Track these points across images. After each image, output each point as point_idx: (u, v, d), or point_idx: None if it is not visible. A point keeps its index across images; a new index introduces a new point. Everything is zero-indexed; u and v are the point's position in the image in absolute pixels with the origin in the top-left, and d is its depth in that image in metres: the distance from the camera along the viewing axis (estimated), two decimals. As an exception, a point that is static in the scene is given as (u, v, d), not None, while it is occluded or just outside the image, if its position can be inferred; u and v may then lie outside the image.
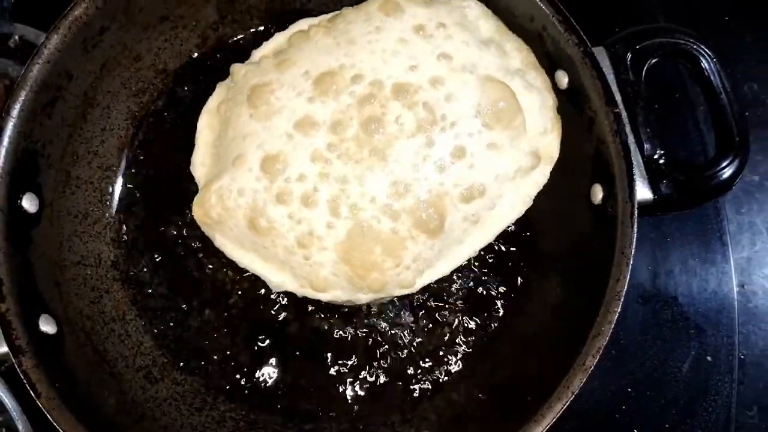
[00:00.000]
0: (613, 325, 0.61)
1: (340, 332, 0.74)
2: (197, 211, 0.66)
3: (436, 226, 0.63)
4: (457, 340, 0.74)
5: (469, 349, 0.74)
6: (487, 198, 0.65)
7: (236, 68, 0.69)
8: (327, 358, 0.74)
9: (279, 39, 0.72)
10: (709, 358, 0.83)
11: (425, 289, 0.75)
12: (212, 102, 0.71)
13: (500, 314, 0.75)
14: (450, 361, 0.74)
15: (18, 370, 0.61)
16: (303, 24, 0.72)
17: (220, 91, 0.71)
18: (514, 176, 0.66)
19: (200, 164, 0.70)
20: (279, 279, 0.67)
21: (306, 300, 0.74)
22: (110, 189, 0.77)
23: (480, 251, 0.74)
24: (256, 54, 0.72)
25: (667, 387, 0.82)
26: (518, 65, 0.68)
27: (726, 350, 0.83)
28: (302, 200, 0.62)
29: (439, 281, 0.74)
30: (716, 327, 0.83)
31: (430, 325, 0.75)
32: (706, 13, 0.95)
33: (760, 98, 0.93)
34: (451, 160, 0.63)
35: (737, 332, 0.84)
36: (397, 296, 0.70)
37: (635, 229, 0.62)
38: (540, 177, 0.68)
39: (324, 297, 0.66)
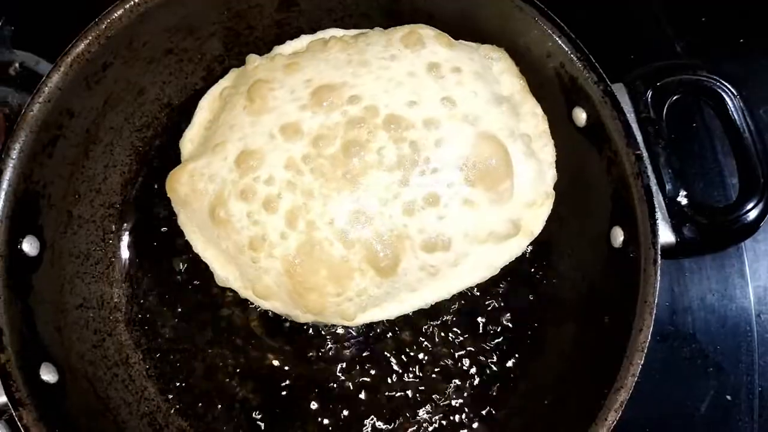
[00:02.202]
0: (636, 378, 0.59)
1: (344, 380, 0.72)
2: (168, 185, 0.65)
3: (388, 266, 0.61)
4: (468, 387, 0.72)
5: (482, 396, 0.72)
6: (451, 253, 0.63)
7: (251, 58, 0.69)
8: (332, 405, 0.71)
9: (303, 41, 0.71)
10: (728, 397, 0.80)
11: (433, 332, 0.73)
12: (220, 85, 0.71)
13: (515, 360, 0.72)
14: (464, 410, 0.71)
15: (19, 424, 0.59)
16: (331, 32, 0.71)
17: (231, 76, 0.71)
18: (485, 239, 0.64)
19: (189, 141, 0.70)
20: (225, 274, 0.66)
21: (312, 346, 0.72)
22: (113, 227, 0.75)
23: (494, 291, 0.72)
24: (276, 50, 0.71)
25: (685, 428, 0.80)
26: (528, 130, 0.66)
27: (746, 390, 0.81)
28: (264, 202, 0.61)
29: (448, 325, 0.73)
30: (735, 365, 0.81)
31: (439, 370, 0.72)
32: (721, 36, 0.94)
33: (776, 123, 0.91)
34: (422, 206, 0.61)
35: (757, 370, 0.82)
36: (337, 324, 0.68)
37: (659, 277, 0.60)
38: (515, 248, 0.66)
39: (263, 305, 0.66)
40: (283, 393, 0.72)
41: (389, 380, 0.72)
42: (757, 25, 0.94)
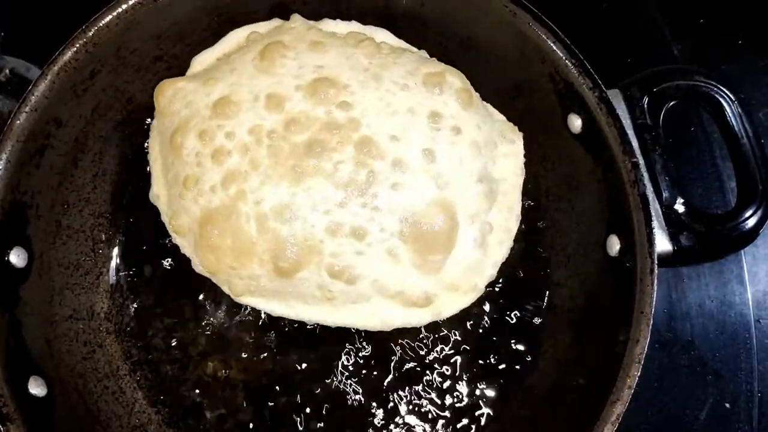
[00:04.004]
0: (633, 390, 0.58)
1: (339, 394, 0.71)
2: (156, 91, 0.67)
3: (287, 268, 0.61)
4: (464, 396, 0.71)
5: (474, 404, 0.71)
6: (352, 289, 0.62)
7: (295, 17, 0.69)
8: (324, 419, 0.70)
9: (351, 27, 0.70)
10: (727, 405, 0.79)
11: (431, 339, 0.72)
12: (257, 26, 0.70)
13: (509, 368, 0.71)
14: (457, 417, 0.70)
15: (6, 439, 0.58)
16: (381, 34, 0.70)
17: (271, 24, 0.71)
18: (392, 296, 0.63)
19: (199, 63, 0.70)
20: (159, 192, 0.67)
21: (303, 361, 0.71)
22: (103, 237, 0.74)
23: (489, 297, 0.71)
24: (323, 23, 0.70)
25: (684, 436, 0.79)
26: (495, 220, 0.66)
27: (745, 396, 0.79)
28: (214, 151, 0.62)
29: (445, 330, 0.72)
30: (735, 372, 0.80)
31: (431, 377, 0.71)
32: (719, 38, 0.92)
33: (775, 126, 0.89)
34: (347, 233, 0.61)
35: (756, 376, 0.81)
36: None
37: (655, 287, 0.59)
38: (414, 319, 0.65)
39: (174, 238, 0.67)
40: (275, 405, 0.71)
41: (381, 390, 0.71)
42: (757, 26, 0.93)
